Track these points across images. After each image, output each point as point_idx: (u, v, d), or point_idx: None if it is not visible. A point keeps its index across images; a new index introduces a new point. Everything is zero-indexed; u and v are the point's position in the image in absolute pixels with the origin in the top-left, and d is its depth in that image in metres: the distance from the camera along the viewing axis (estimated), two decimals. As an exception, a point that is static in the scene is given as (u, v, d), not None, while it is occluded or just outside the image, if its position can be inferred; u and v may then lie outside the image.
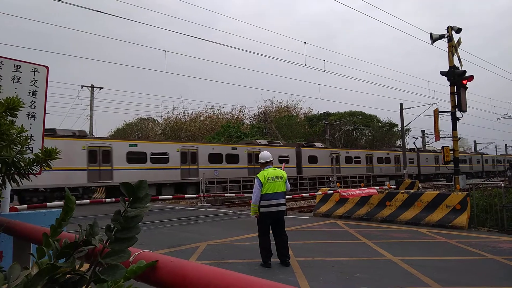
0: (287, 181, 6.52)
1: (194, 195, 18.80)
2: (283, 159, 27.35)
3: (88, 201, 12.89)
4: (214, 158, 25.64)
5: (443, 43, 15.23)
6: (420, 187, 22.98)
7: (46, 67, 3.46)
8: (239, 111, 55.19)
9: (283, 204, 6.32)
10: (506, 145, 79.33)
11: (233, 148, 27.60)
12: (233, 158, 26.90)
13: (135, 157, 22.09)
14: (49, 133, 18.86)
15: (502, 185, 11.66)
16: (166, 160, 23.39)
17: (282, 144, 32.51)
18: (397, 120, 48.44)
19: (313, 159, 32.39)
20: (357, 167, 36.62)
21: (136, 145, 22.46)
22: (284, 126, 51.96)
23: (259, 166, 6.75)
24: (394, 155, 40.83)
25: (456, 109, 14.27)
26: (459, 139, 15.68)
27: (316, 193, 14.00)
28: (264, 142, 31.16)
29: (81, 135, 21.34)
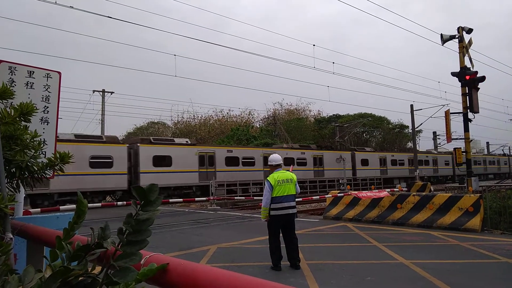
0: (297, 184, 6.50)
1: (204, 198, 18.85)
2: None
3: (100, 204, 13.01)
4: (288, 161, 28.32)
5: (454, 44, 15.08)
6: (432, 189, 22.71)
7: (59, 72, 3.52)
8: (248, 114, 55.24)
9: (294, 207, 6.31)
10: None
11: (302, 153, 31.98)
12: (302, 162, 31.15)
13: (231, 161, 26.32)
14: (169, 142, 24.46)
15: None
16: (253, 164, 27.62)
17: (339, 148, 37.17)
18: (408, 122, 47.96)
19: (365, 162, 36.07)
20: (401, 169, 40.11)
21: (232, 151, 26.87)
22: (293, 129, 51.82)
23: (269, 169, 6.74)
24: (432, 158, 43.71)
25: (468, 110, 14.09)
26: (471, 140, 15.47)
27: (326, 195, 13.93)
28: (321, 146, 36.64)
29: (192, 143, 26.18)
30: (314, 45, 25.06)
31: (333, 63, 26.31)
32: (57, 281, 0.94)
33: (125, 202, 13.08)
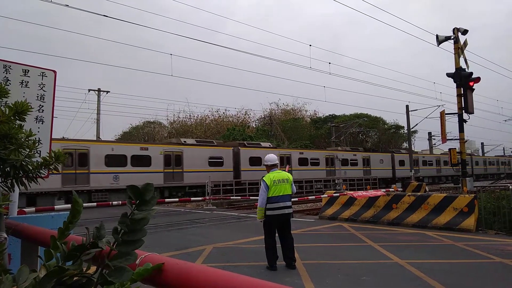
0: (293, 184, 6.51)
1: (200, 198, 18.83)
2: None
3: (95, 204, 12.95)
4: (303, 161, 31.72)
5: (449, 45, 15.16)
6: (427, 190, 22.82)
7: (54, 71, 3.50)
8: (245, 114, 55.23)
9: (290, 207, 6.31)
10: (513, 147, 78.56)
11: (354, 155, 36.13)
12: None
13: (302, 161, 30.08)
14: (257, 145, 28.96)
15: (510, 187, 11.53)
16: (318, 164, 32.35)
17: (362, 149, 39.49)
18: (403, 122, 48.22)
19: (402, 163, 39.84)
20: (429, 169, 44.09)
21: (303, 153, 30.03)
22: (289, 129, 51.90)
23: (265, 169, 6.74)
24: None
25: (463, 111, 14.17)
26: (466, 141, 15.56)
27: (322, 195, 13.96)
28: (347, 148, 38.50)
29: (273, 146, 31.55)
30: (310, 45, 25.12)
31: (329, 63, 26.37)
32: (52, 281, 0.94)
33: (120, 202, 13.02)
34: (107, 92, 33.05)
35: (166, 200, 15.63)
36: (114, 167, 21.82)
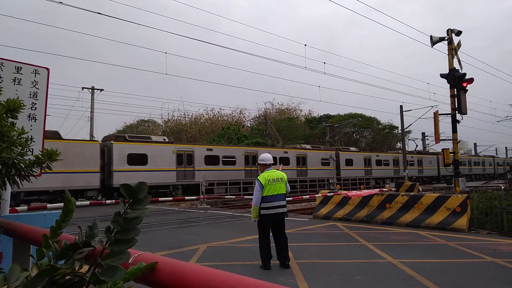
0: (287, 183, 6.52)
1: (194, 197, 18.80)
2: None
3: (88, 202, 12.88)
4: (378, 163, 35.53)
5: (443, 46, 15.25)
6: (420, 190, 22.97)
7: (47, 69, 3.47)
8: (240, 113, 55.23)
9: (284, 206, 6.32)
10: (506, 147, 79.30)
11: (385, 156, 40.42)
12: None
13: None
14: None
15: (502, 187, 11.65)
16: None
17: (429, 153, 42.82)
18: (397, 123, 48.69)
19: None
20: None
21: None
22: (284, 128, 51.97)
23: (258, 168, 6.74)
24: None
25: (456, 111, 14.27)
26: (459, 141, 15.67)
27: (316, 195, 13.99)
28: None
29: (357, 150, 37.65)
30: (305, 45, 25.16)
31: (324, 63, 26.44)
32: (44, 280, 0.93)
33: (113, 201, 12.96)
34: (101, 90, 32.85)
35: (160, 199, 15.57)
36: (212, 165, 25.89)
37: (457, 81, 14.02)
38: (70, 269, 0.97)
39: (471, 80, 14.05)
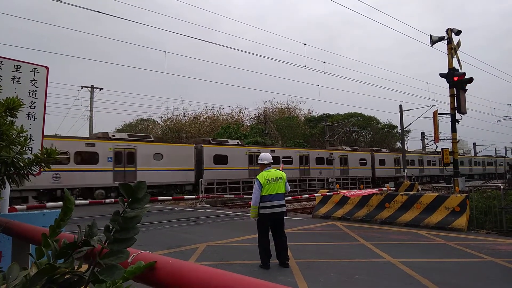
0: (287, 182, 6.52)
1: (193, 196, 18.81)
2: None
3: (87, 201, 12.89)
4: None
5: (443, 45, 15.26)
6: (420, 189, 22.99)
7: (46, 67, 3.46)
8: (239, 112, 55.22)
9: (283, 206, 6.32)
10: (505, 147, 79.38)
11: (419, 157, 44.36)
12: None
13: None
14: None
15: (501, 187, 11.67)
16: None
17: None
18: (396, 122, 48.67)
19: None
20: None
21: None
22: (283, 128, 51.96)
23: (259, 167, 6.74)
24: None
25: (456, 111, 14.28)
26: (459, 141, 15.69)
27: (315, 194, 14.00)
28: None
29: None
30: (305, 44, 25.13)
31: (324, 62, 26.44)
32: (43, 279, 0.93)
33: (113, 200, 12.96)
34: (100, 89, 32.82)
35: (159, 198, 15.57)
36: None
37: (456, 80, 14.03)
38: (69, 268, 0.96)
39: (470, 80, 14.06)
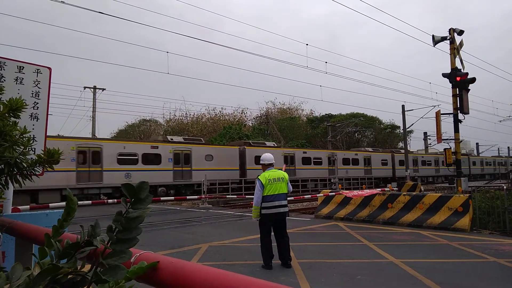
0: (289, 183, 6.51)
1: (196, 197, 18.81)
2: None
3: (90, 202, 12.92)
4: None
5: (445, 45, 15.22)
6: (422, 189, 22.93)
7: (49, 68, 3.48)
8: (241, 113, 55.22)
9: (285, 206, 6.32)
10: (508, 147, 79.05)
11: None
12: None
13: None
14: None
15: (505, 187, 11.61)
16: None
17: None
18: (399, 122, 48.63)
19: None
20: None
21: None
22: (286, 128, 51.92)
23: (261, 168, 6.75)
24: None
25: (458, 111, 14.24)
26: (461, 141, 15.64)
27: (318, 194, 13.99)
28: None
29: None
30: (307, 44, 25.11)
31: (326, 62, 26.41)
32: (46, 279, 0.93)
33: (115, 200, 13.00)
34: (103, 89, 32.95)
35: (162, 198, 15.60)
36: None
37: (459, 80, 13.99)
38: (72, 268, 0.97)
39: (473, 80, 14.02)
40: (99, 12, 15.86)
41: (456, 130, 14.60)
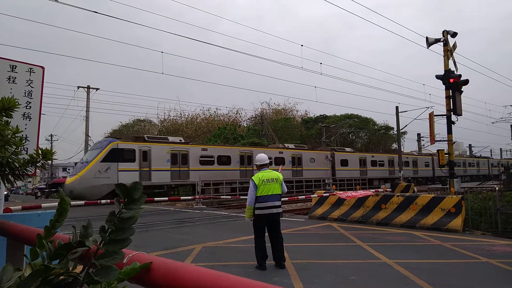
0: (283, 183, 6.52)
1: (190, 197, 18.77)
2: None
3: (83, 202, 12.83)
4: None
5: (439, 47, 15.32)
6: (415, 190, 23.06)
7: (42, 67, 3.45)
8: (236, 113, 55.24)
9: (279, 207, 6.32)
10: (501, 149, 79.81)
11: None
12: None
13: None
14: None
15: (497, 188, 11.72)
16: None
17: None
18: (393, 123, 48.87)
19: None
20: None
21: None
22: (280, 129, 51.99)
23: (256, 168, 6.75)
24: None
25: (451, 112, 14.34)
26: (454, 142, 15.75)
27: (312, 195, 14.01)
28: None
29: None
30: (302, 45, 25.14)
31: (321, 63, 26.48)
32: (37, 280, 0.93)
33: (109, 201, 12.93)
34: (97, 89, 32.74)
35: (156, 199, 15.53)
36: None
37: (452, 82, 14.10)
38: (64, 269, 0.96)
39: (466, 82, 14.12)
40: (94, 12, 15.77)
41: (449, 131, 14.70)
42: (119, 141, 22.70)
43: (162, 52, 22.89)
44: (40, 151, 1.85)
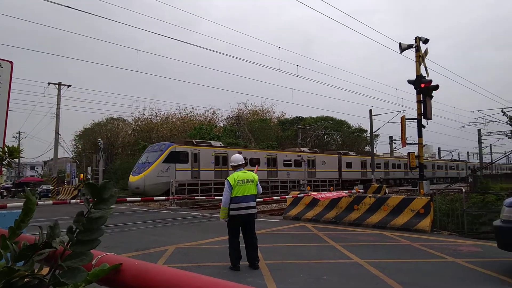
0: (258, 184, 6.53)
1: (163, 198, 18.51)
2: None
3: (51, 202, 12.44)
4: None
5: (412, 53, 15.78)
6: (387, 192, 23.60)
7: (11, 62, 3.33)
8: (212, 113, 54.90)
9: (254, 207, 6.32)
10: (468, 152, 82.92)
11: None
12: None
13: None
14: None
15: (463, 190, 12.17)
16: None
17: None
18: (366, 126, 49.92)
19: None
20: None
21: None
22: (257, 130, 52.11)
23: (231, 169, 6.73)
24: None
25: (422, 116, 14.80)
26: (425, 145, 16.27)
27: (286, 196, 14.11)
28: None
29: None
30: (279, 47, 25.33)
31: (297, 66, 26.73)
32: (0, 282, 0.89)
33: (78, 200, 12.58)
34: (68, 86, 31.79)
35: (128, 199, 15.24)
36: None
37: (423, 87, 14.55)
38: (29, 271, 0.93)
39: (436, 87, 14.61)
40: (67, 7, 15.30)
41: (420, 135, 15.16)
42: (176, 145, 25.83)
43: (137, 50, 22.47)
44: (6, 149, 1.78)
